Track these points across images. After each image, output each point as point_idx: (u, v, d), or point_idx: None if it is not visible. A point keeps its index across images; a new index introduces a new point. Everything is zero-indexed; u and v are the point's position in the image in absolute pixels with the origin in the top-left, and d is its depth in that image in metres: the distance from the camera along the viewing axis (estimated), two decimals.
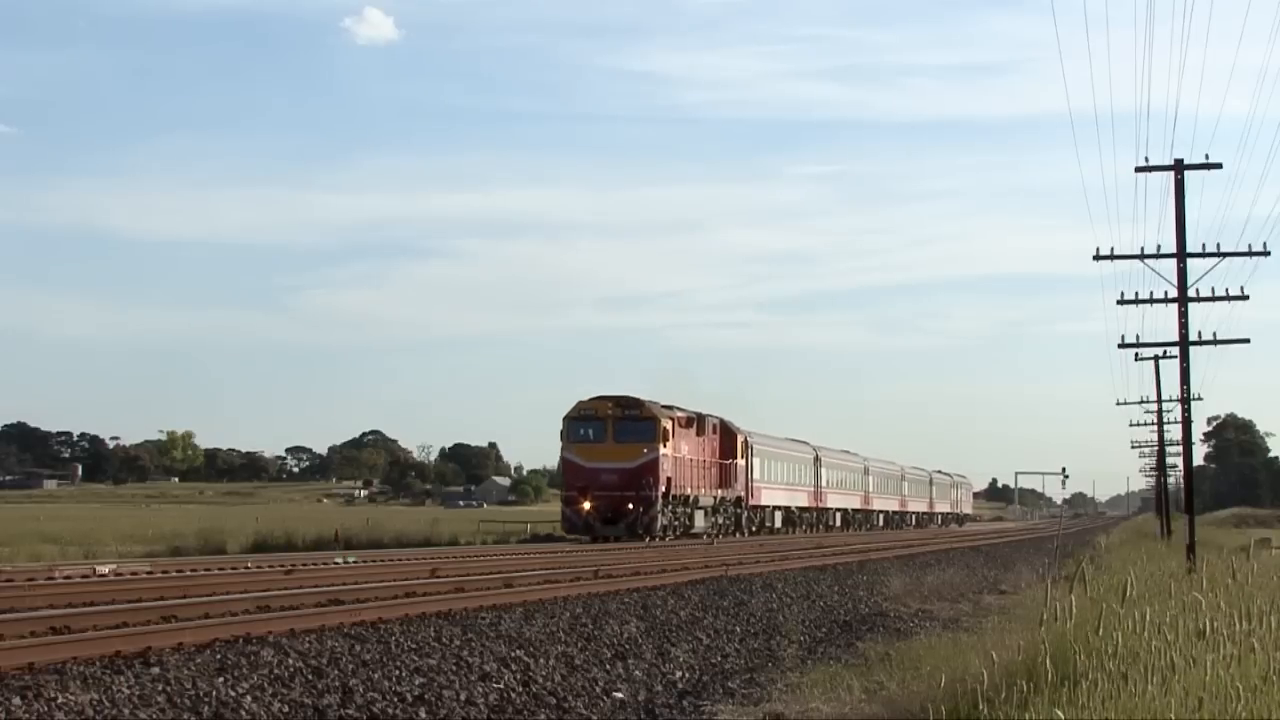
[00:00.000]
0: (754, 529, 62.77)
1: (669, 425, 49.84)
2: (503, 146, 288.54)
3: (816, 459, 75.00)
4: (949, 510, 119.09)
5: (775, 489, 67.84)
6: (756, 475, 63.90)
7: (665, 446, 49.13)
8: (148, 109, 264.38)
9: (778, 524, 67.85)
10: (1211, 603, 11.20)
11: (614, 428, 48.83)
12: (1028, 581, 28.39)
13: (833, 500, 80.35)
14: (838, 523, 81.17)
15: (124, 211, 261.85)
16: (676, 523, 50.52)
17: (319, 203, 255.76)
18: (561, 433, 49.50)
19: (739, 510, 59.11)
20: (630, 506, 47.63)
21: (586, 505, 47.69)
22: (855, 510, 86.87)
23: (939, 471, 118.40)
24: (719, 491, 56.17)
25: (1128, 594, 10.75)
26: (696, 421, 54.02)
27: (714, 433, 56.58)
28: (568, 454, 49.54)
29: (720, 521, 56.29)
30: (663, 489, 48.54)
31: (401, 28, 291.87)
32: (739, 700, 12.93)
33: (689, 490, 52.12)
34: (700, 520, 53.08)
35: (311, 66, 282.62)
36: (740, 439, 59.59)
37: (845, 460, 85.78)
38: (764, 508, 65.34)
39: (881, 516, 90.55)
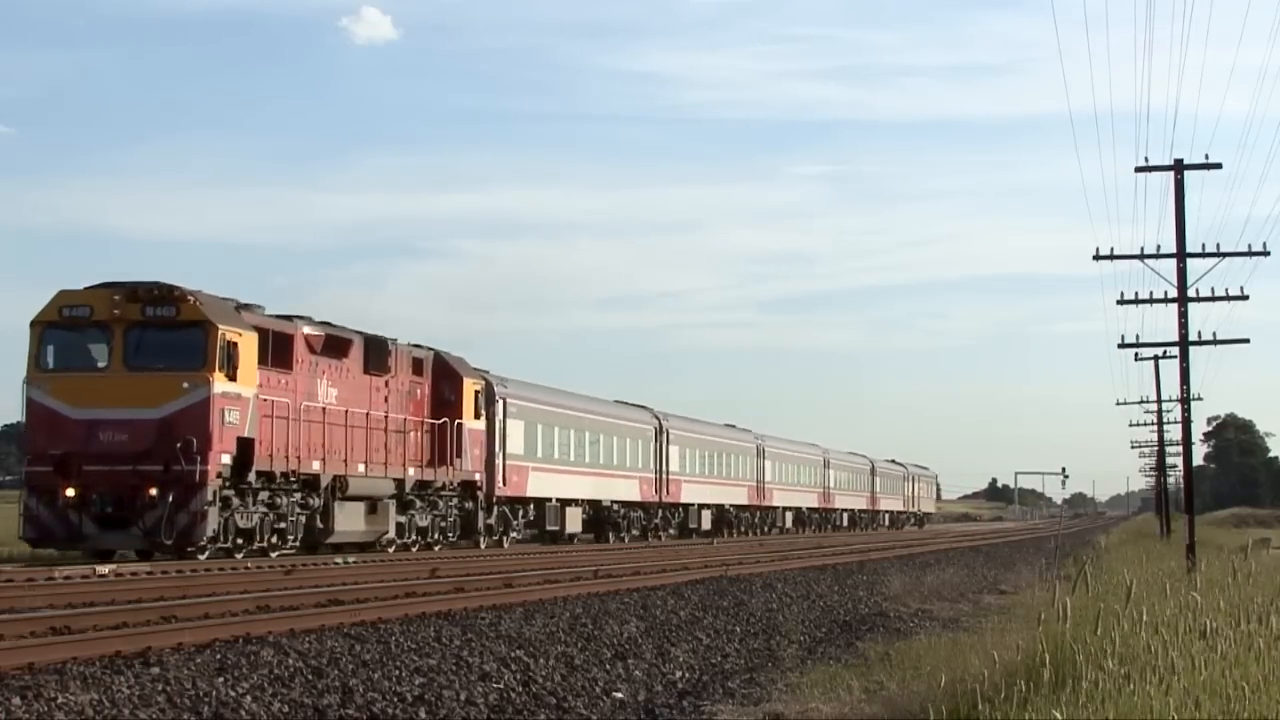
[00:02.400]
0: (620, 534, 51.27)
1: (243, 339, 28.70)
2: (502, 146, 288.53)
3: (661, 431, 56.86)
4: (901, 509, 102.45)
5: (697, 483, 59.33)
6: (674, 467, 56.40)
7: (236, 377, 28.24)
8: (147, 109, 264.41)
9: (705, 525, 59.77)
10: (1211, 602, 11.21)
11: (126, 342, 28.01)
12: (1028, 581, 28.39)
13: (781, 497, 72.45)
14: (789, 523, 73.57)
15: (123, 211, 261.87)
16: (283, 524, 30.51)
17: (319, 203, 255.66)
18: (31, 354, 28.28)
19: (476, 504, 39.62)
20: (153, 493, 27.12)
21: (70, 491, 27.22)
22: (812, 509, 79.36)
23: (892, 461, 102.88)
24: (424, 472, 36.05)
25: (1131, 594, 10.75)
26: (365, 347, 33.53)
27: (417, 372, 36.54)
28: (38, 393, 28.06)
29: (429, 523, 36.87)
30: (225, 460, 28.00)
31: (400, 27, 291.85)
32: (739, 700, 12.93)
33: (324, 464, 31.58)
34: (360, 521, 33.28)
35: (310, 66, 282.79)
36: (472, 385, 39.13)
37: (799, 452, 77.16)
38: (687, 506, 57.74)
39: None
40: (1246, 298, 33.36)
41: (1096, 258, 34.08)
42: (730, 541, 55.56)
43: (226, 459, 28.03)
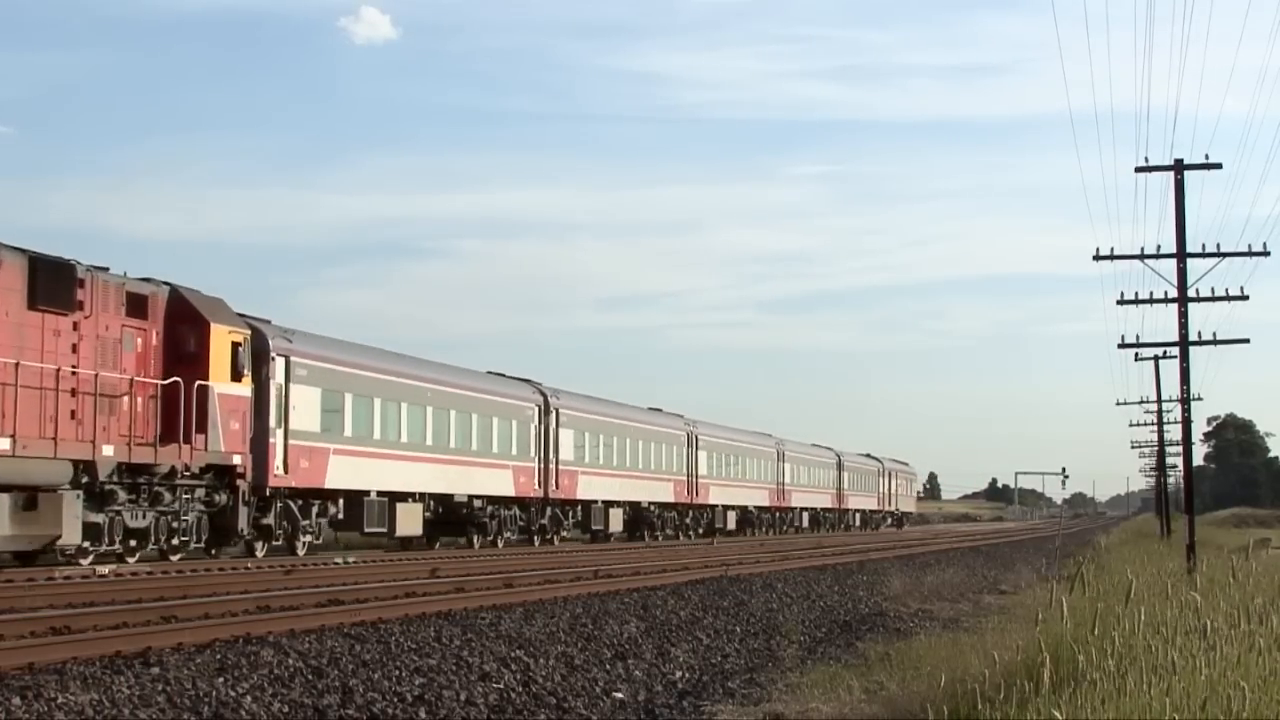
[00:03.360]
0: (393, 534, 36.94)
1: None
2: (502, 146, 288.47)
3: (546, 411, 46.84)
4: (874, 508, 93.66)
5: (600, 476, 50.00)
6: (565, 456, 46.97)
7: None
8: (147, 109, 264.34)
9: (614, 527, 51.28)
10: (1212, 603, 11.21)
11: None
12: (1028, 581, 28.40)
13: (721, 495, 63.64)
14: (731, 524, 64.94)
15: (122, 212, 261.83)
16: None
17: (318, 203, 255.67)
18: None
19: (236, 497, 29.36)
20: None
21: None
22: (761, 508, 70.45)
23: (866, 455, 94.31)
24: (139, 452, 26.46)
25: (1131, 594, 10.75)
26: (30, 272, 24.19)
27: (136, 313, 27.02)
28: None
29: (150, 523, 27.11)
30: None
31: (399, 26, 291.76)
32: (739, 700, 12.92)
33: None
34: None
35: (310, 66, 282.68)
36: (228, 336, 28.83)
37: (745, 443, 68.81)
38: (587, 503, 48.73)
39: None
40: (1246, 298, 33.39)
41: (1096, 258, 34.11)
42: (728, 541, 55.59)
43: None
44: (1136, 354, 51.44)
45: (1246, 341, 37.17)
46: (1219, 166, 32.25)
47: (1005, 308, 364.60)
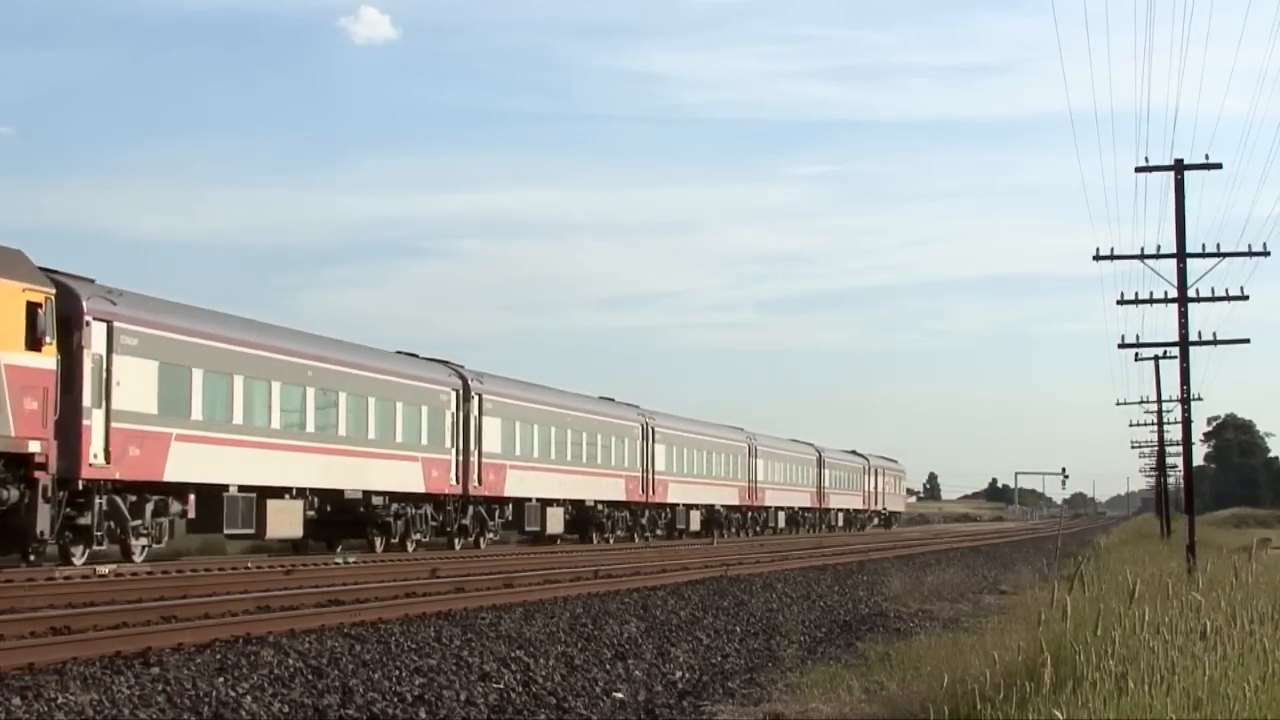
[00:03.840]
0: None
1: None
2: (502, 146, 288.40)
3: (466, 397, 41.80)
4: (858, 507, 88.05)
5: (535, 470, 45.29)
6: (491, 448, 41.98)
7: None
8: (147, 109, 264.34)
9: (553, 528, 46.23)
10: (1212, 603, 11.20)
11: None
12: (1028, 581, 28.39)
13: (682, 493, 57.97)
14: (693, 525, 59.44)
15: (121, 212, 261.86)
16: None
17: (317, 203, 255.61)
18: None
19: (34, 493, 23.89)
20: None
21: None
22: (731, 507, 65.12)
23: (850, 452, 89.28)
24: None
25: (1132, 594, 10.74)
26: None
27: None
28: None
29: None
30: None
31: (398, 26, 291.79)
32: (739, 700, 12.92)
33: None
34: None
35: (309, 66, 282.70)
36: (21, 296, 23.83)
37: (709, 435, 62.11)
38: (520, 501, 43.84)
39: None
40: (1246, 298, 33.38)
41: (1097, 258, 34.10)
42: (728, 541, 55.56)
43: None
44: (1136, 354, 51.48)
45: (1246, 341, 37.19)
46: (1219, 166, 32.25)
47: (1005, 308, 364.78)
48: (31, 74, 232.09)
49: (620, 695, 13.00)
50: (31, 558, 24.80)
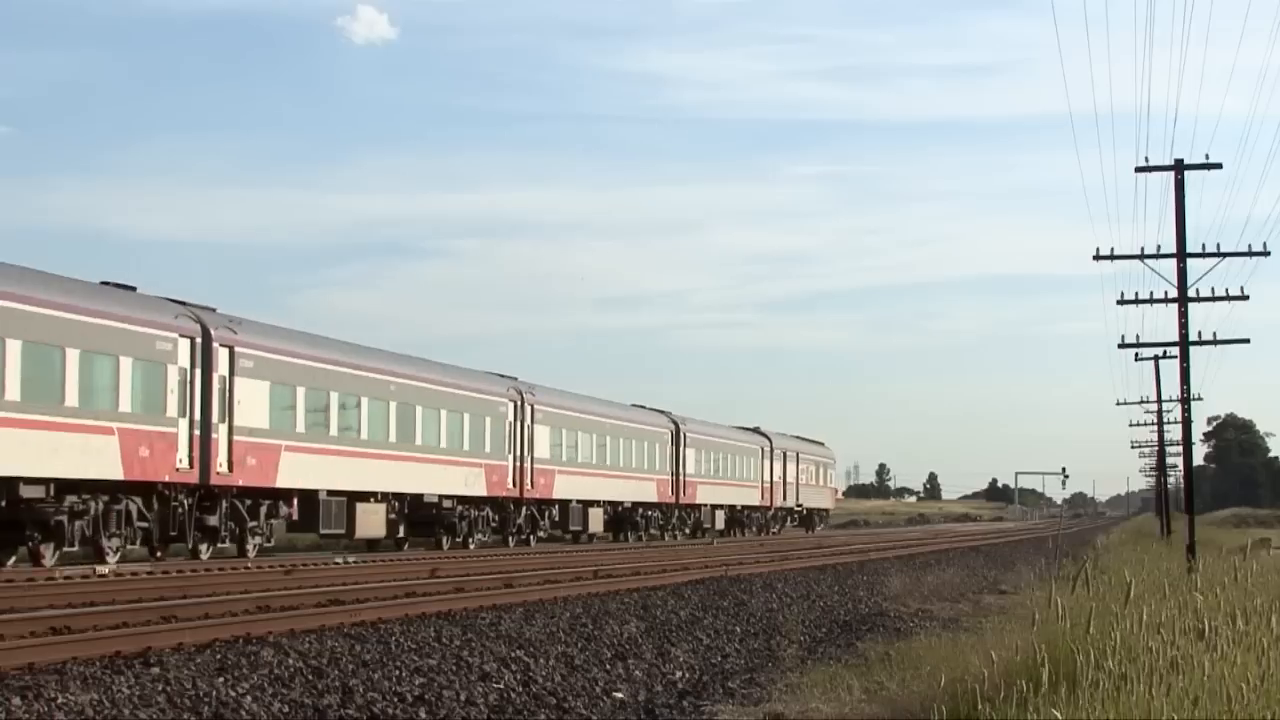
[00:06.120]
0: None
1: None
2: (500, 146, 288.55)
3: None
4: (753, 503, 67.23)
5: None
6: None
7: None
8: (147, 109, 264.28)
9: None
10: (1211, 602, 11.21)
11: None
12: (1028, 581, 28.40)
13: (588, 487, 48.89)
14: (595, 527, 49.96)
15: (121, 212, 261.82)
16: None
17: (316, 203, 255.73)
18: None
19: None
20: None
21: None
22: (644, 505, 54.95)
23: (740, 428, 69.14)
24: None
25: (1130, 594, 10.76)
26: None
27: None
28: None
29: None
30: None
31: (396, 25, 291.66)
32: (739, 700, 12.92)
33: None
34: None
35: (309, 66, 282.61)
36: None
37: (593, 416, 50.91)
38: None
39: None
40: (1246, 298, 33.41)
41: (1096, 258, 34.14)
42: (728, 541, 55.59)
43: None
44: (1136, 354, 51.50)
45: (1246, 341, 37.22)
46: (1219, 166, 32.28)
47: (1005, 308, 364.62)
48: (31, 74, 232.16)
49: (620, 695, 13.01)
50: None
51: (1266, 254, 33.32)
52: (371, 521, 35.74)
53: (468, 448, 41.15)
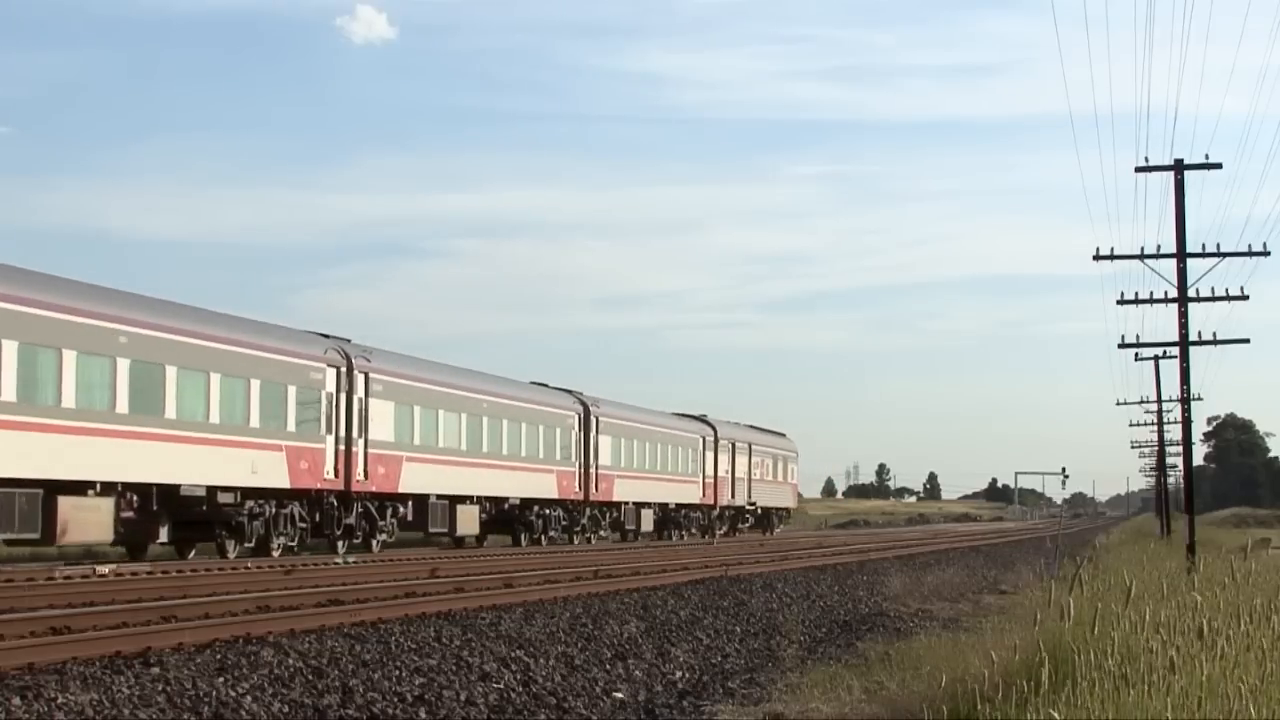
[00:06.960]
0: None
1: None
2: (500, 146, 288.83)
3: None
4: (691, 501, 58.97)
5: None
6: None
7: None
8: (147, 109, 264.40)
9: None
10: (1211, 602, 11.20)
11: None
12: (1027, 581, 28.40)
13: (499, 483, 43.23)
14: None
15: (120, 212, 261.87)
16: None
17: (316, 203, 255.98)
18: None
19: None
20: None
21: None
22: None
23: (678, 415, 60.75)
24: None
25: (1130, 594, 10.75)
26: None
27: None
28: None
29: None
30: None
31: (395, 25, 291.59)
32: (739, 700, 12.92)
33: None
34: None
35: (309, 66, 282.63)
36: None
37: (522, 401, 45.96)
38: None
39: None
40: (1246, 298, 33.41)
41: (1097, 258, 34.13)
42: (727, 540, 55.58)
43: None
44: (1136, 354, 51.53)
45: (1246, 341, 37.23)
46: (1219, 166, 32.28)
47: (1005, 308, 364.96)
48: (31, 74, 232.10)
49: (620, 695, 13.01)
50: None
51: (1266, 254, 33.33)
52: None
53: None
